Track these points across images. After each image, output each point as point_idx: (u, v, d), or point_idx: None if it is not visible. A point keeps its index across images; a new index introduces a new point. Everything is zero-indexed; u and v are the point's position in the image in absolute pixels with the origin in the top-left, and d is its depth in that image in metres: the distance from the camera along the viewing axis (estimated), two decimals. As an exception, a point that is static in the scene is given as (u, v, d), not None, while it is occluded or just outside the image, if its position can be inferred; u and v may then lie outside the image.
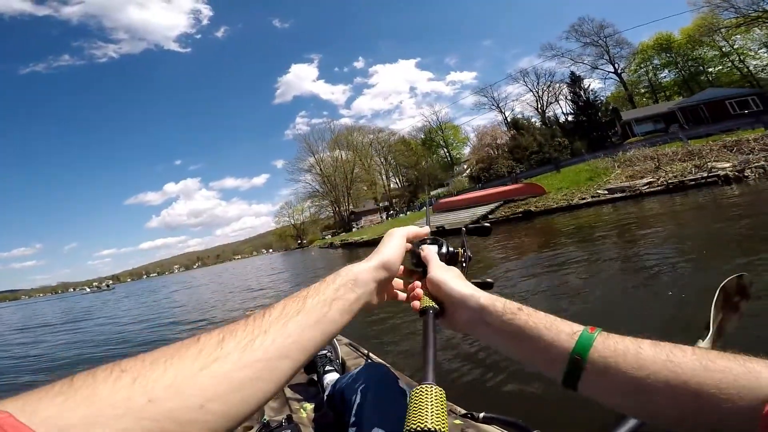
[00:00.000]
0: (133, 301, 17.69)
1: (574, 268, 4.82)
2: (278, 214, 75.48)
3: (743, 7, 33.90)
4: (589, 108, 38.84)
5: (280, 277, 15.07)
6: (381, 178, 59.91)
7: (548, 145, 35.40)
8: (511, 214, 14.42)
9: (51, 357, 6.73)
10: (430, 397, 0.35)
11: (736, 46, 37.98)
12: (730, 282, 0.98)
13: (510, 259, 6.66)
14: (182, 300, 13.51)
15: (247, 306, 8.54)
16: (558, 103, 47.76)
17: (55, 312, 19.75)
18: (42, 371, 5.63)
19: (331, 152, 57.98)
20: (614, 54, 45.57)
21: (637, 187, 11.21)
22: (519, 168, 33.30)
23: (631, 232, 6.60)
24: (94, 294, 46.32)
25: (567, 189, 14.55)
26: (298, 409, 1.44)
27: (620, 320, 2.93)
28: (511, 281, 4.86)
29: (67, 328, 11.32)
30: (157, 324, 8.34)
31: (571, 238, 7.40)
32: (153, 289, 26.92)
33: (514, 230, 10.93)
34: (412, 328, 3.76)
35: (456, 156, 57.26)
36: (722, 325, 0.97)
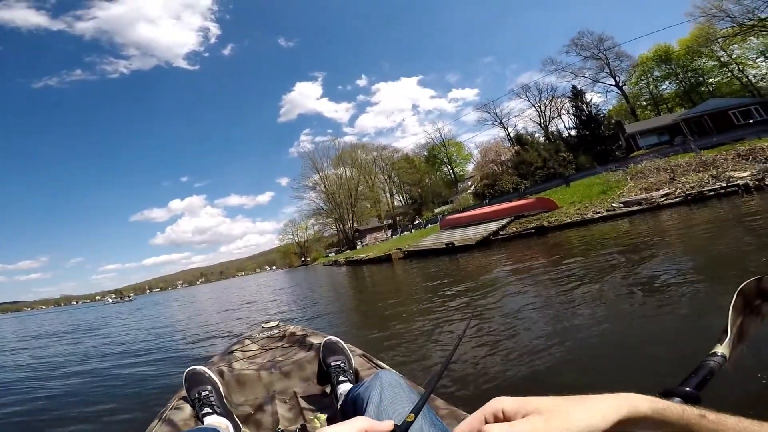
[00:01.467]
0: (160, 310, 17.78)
1: (592, 287, 4.35)
2: (282, 231, 75.77)
3: (739, 17, 34.22)
4: (591, 122, 38.96)
5: (284, 292, 14.80)
6: (385, 195, 59.86)
7: (553, 160, 35.34)
8: (523, 229, 14.21)
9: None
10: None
11: (734, 55, 38.17)
12: (748, 285, 0.90)
13: (521, 278, 6.21)
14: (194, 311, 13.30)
15: (254, 318, 8.01)
16: (560, 118, 47.91)
17: (97, 317, 20.09)
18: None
19: (336, 169, 58.09)
20: (614, 67, 45.74)
21: (654, 199, 11.01)
22: (524, 184, 33.13)
23: (652, 247, 6.12)
24: (116, 304, 47.06)
25: (579, 203, 14.33)
26: (312, 419, 1.45)
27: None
28: (521, 305, 4.26)
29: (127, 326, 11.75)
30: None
31: (586, 254, 6.90)
32: (158, 302, 27.29)
33: (526, 246, 10.61)
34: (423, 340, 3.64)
35: (459, 173, 57.28)
36: (743, 329, 0.90)
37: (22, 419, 3.61)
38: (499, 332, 3.38)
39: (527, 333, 3.23)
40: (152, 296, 72.66)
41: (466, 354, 2.96)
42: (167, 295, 52.25)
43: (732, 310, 0.89)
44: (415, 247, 18.98)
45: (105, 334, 10.37)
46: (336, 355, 1.66)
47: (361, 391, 1.04)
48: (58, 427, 3.16)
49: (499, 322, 3.73)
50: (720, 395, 1.31)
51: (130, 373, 4.63)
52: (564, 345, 2.75)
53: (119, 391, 3.89)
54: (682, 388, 0.66)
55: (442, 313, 4.66)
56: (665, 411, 0.44)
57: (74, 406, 3.63)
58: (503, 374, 2.52)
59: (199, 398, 1.46)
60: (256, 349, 2.38)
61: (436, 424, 0.83)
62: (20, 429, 3.42)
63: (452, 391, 2.39)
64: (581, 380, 2.21)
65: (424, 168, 57.70)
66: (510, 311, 4.05)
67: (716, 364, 0.76)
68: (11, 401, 4.23)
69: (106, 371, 5.05)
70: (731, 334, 0.85)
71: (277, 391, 1.79)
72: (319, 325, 5.67)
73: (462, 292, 6.04)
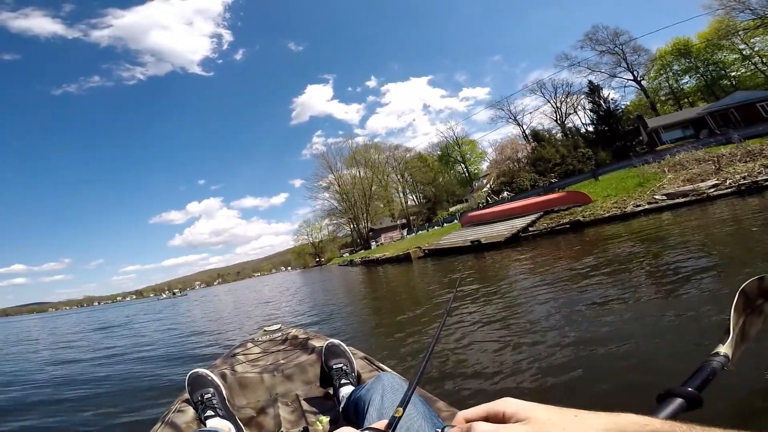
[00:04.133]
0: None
1: (659, 290, 3.66)
2: (297, 232, 76.22)
3: (759, 8, 33.30)
4: (610, 117, 38.16)
5: (299, 293, 14.63)
6: (398, 194, 59.52)
7: (571, 157, 34.69)
8: (556, 225, 13.62)
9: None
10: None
11: (756, 48, 37.17)
12: (750, 284, 0.93)
13: (567, 279, 5.20)
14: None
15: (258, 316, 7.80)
16: (577, 114, 47.15)
17: (166, 310, 20.64)
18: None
19: (349, 169, 57.98)
20: (632, 61, 44.95)
21: (702, 190, 10.47)
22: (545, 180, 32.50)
23: (710, 241, 5.50)
24: (169, 299, 47.97)
25: (615, 196, 13.80)
26: (315, 422, 1.46)
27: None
28: (571, 310, 3.60)
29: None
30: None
31: (638, 251, 6.11)
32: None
33: (561, 243, 9.94)
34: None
35: (474, 171, 56.69)
36: (745, 329, 0.92)
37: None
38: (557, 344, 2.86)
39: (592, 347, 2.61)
40: (194, 293, 73.86)
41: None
42: (205, 292, 53.70)
43: (734, 310, 0.90)
44: (436, 246, 18.33)
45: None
46: (338, 357, 1.66)
47: (363, 393, 1.04)
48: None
49: (551, 332, 3.13)
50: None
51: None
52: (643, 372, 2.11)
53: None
54: (684, 389, 0.67)
55: (477, 322, 3.92)
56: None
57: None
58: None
59: (202, 401, 1.47)
60: (259, 352, 2.43)
61: (437, 426, 0.82)
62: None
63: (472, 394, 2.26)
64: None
65: (438, 167, 57.26)
66: (558, 316, 3.50)
67: (718, 365, 0.77)
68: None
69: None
70: (733, 334, 0.86)
71: (279, 393, 1.81)
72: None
73: (497, 294, 5.31)
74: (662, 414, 0.69)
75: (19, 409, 3.86)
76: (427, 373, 2.63)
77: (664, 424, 0.43)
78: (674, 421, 0.43)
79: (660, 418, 0.45)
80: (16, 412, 3.76)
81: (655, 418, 0.44)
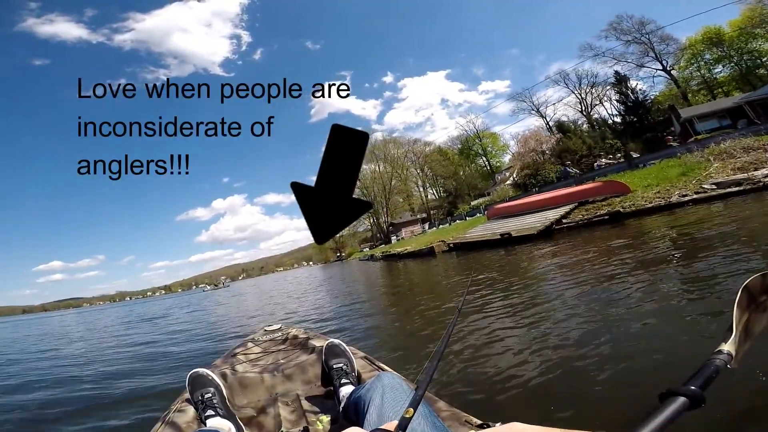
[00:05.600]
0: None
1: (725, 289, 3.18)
2: (318, 227, 76.61)
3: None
4: (639, 107, 36.99)
5: (322, 287, 14.69)
6: (417, 189, 59.13)
7: (598, 148, 33.77)
8: (593, 216, 13.14)
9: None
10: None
11: (794, 35, 35.60)
12: (753, 281, 0.88)
13: (615, 274, 4.65)
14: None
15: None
16: (603, 105, 45.81)
17: (228, 298, 21.60)
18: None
19: (368, 164, 57.83)
20: (660, 51, 43.44)
21: (758, 179, 9.89)
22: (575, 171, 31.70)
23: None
24: (213, 290, 49.53)
25: (657, 186, 13.24)
26: (315, 422, 1.47)
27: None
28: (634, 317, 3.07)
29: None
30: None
31: (692, 244, 5.52)
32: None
33: (601, 236, 9.41)
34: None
35: (496, 164, 55.86)
36: (749, 327, 0.87)
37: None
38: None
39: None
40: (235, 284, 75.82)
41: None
42: (242, 284, 55.31)
43: (737, 307, 0.87)
44: (461, 239, 17.87)
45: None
46: (338, 357, 1.66)
47: (363, 393, 1.05)
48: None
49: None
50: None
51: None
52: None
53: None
54: (687, 387, 0.61)
55: (526, 326, 3.47)
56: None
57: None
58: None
59: (203, 400, 1.47)
60: (259, 352, 2.43)
61: (437, 426, 0.83)
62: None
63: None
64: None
65: (458, 160, 56.55)
66: (601, 323, 3.07)
67: (721, 363, 0.73)
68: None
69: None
70: (736, 331, 0.83)
71: (279, 393, 1.81)
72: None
73: (529, 291, 4.90)
74: (664, 413, 0.57)
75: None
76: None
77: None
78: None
79: (662, 418, 0.45)
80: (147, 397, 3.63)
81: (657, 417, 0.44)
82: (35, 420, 3.40)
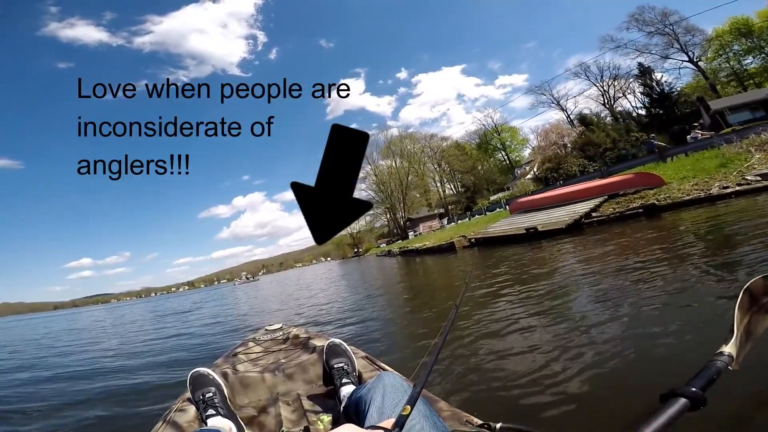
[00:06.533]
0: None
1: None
2: (335, 223, 77.53)
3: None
4: (665, 100, 35.95)
5: (340, 284, 14.49)
6: (435, 184, 58.75)
7: (624, 141, 32.91)
8: (625, 209, 12.60)
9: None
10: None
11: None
12: (755, 283, 0.90)
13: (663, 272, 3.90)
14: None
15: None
16: (626, 97, 44.68)
17: (274, 288, 22.20)
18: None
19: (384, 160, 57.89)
20: (685, 42, 42.13)
21: (809, 169, 9.34)
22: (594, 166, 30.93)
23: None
24: (244, 284, 50.73)
25: (694, 178, 12.69)
26: (316, 421, 1.46)
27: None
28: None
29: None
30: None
31: (734, 238, 4.95)
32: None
33: (636, 230, 8.65)
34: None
35: (515, 158, 55.14)
36: (750, 328, 0.89)
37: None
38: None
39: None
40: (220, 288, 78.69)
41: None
42: (272, 278, 55.60)
43: (738, 308, 0.89)
44: (484, 234, 17.34)
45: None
46: (339, 357, 1.66)
47: (364, 393, 1.05)
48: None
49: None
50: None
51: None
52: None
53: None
54: (688, 389, 0.66)
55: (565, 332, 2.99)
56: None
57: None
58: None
59: (203, 400, 1.47)
60: (260, 352, 2.44)
61: (438, 426, 0.84)
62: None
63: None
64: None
65: (476, 155, 56.03)
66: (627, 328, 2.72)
67: (723, 364, 0.75)
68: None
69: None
70: (738, 333, 0.85)
71: (280, 393, 1.82)
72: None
73: (561, 290, 4.39)
74: (666, 414, 0.64)
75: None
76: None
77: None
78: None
79: (663, 418, 0.44)
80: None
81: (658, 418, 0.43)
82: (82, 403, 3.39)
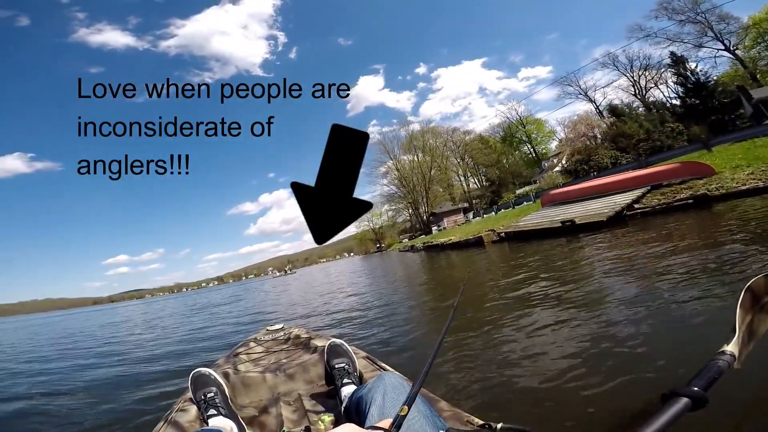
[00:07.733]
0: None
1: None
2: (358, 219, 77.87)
3: None
4: (701, 89, 34.54)
5: (365, 281, 14.11)
6: (458, 178, 58.22)
7: (658, 132, 31.75)
8: (673, 200, 11.95)
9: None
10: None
11: None
12: (757, 281, 0.89)
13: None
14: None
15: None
16: (658, 88, 43.11)
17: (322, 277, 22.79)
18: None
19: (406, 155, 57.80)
20: (720, 30, 40.26)
21: None
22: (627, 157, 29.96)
23: None
24: (281, 277, 52.02)
25: (748, 167, 12.03)
26: (317, 421, 1.46)
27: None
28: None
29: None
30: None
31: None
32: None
33: (683, 223, 7.98)
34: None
35: (542, 151, 54.05)
36: (753, 328, 0.89)
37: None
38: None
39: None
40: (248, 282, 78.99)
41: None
42: (305, 272, 56.29)
43: (739, 307, 0.87)
44: (515, 228, 16.68)
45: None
46: (340, 357, 1.66)
47: (365, 393, 1.04)
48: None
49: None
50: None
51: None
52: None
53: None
54: (689, 388, 0.65)
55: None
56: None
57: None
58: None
59: (205, 400, 1.47)
60: (261, 352, 2.45)
61: (438, 426, 0.84)
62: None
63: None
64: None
65: (501, 148, 55.16)
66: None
67: (724, 364, 0.74)
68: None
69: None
70: (739, 332, 0.83)
71: (281, 393, 1.82)
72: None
73: (595, 289, 4.12)
74: (667, 414, 0.63)
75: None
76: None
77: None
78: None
79: (664, 418, 0.43)
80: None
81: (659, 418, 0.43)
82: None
